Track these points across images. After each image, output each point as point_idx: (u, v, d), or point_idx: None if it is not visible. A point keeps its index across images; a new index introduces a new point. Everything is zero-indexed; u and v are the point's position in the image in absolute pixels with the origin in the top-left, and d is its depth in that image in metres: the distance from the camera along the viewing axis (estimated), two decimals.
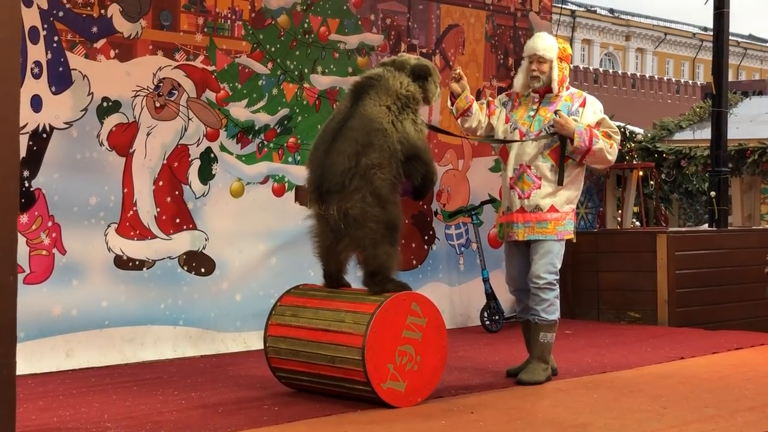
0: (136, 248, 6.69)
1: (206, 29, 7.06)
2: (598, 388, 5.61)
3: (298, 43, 7.52)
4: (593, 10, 57.37)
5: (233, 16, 7.21)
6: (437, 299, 6.19)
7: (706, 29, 56.75)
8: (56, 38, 6.34)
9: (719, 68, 10.08)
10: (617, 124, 7.87)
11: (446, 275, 8.43)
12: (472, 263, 8.46)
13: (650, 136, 12.77)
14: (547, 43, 5.84)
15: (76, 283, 6.42)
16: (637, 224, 11.75)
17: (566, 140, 5.73)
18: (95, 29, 6.53)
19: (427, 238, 8.36)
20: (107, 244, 6.57)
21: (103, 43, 6.55)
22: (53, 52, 6.33)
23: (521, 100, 5.97)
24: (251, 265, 7.24)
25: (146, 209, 6.74)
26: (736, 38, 60.62)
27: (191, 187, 6.97)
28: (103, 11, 6.56)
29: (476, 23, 8.71)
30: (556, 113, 5.75)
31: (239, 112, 7.22)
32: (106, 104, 6.56)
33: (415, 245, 8.25)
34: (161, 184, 6.82)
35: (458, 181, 8.55)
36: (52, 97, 6.32)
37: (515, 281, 5.99)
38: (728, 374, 6.13)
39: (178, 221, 6.89)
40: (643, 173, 11.56)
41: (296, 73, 7.51)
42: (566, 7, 49.84)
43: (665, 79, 53.27)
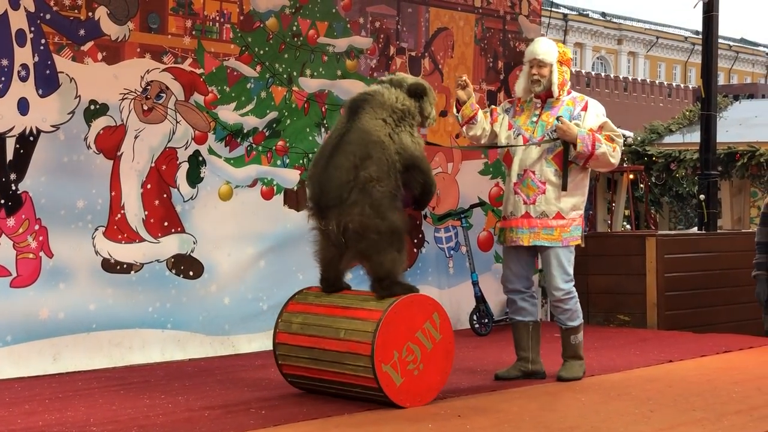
0: (124, 251, 6.67)
1: (194, 32, 7.04)
2: (585, 391, 5.62)
3: (286, 46, 7.51)
4: (585, 13, 57.56)
5: (221, 18, 7.20)
6: None
7: (697, 33, 56.80)
8: (43, 41, 6.32)
9: (708, 72, 10.11)
10: None
11: (435, 278, 8.42)
12: (461, 266, 8.45)
13: (640, 139, 12.81)
14: (546, 47, 5.88)
15: (63, 286, 6.40)
16: (627, 227, 11.78)
17: (569, 145, 5.75)
18: (82, 32, 6.51)
19: (416, 241, 8.35)
20: (95, 247, 6.55)
21: (90, 45, 6.53)
22: (40, 54, 6.31)
23: (523, 106, 6.00)
24: (240, 268, 7.23)
25: (134, 212, 6.72)
26: (727, 42, 60.89)
27: (179, 190, 6.95)
28: (90, 14, 6.54)
29: (465, 26, 8.71)
30: (558, 119, 5.77)
31: (228, 115, 7.20)
32: (93, 107, 6.54)
33: None
34: (149, 187, 6.80)
35: (448, 184, 8.54)
36: (39, 100, 6.30)
37: (511, 282, 6.02)
38: (716, 377, 6.14)
39: (166, 224, 6.88)
40: (633, 176, 11.58)
41: (285, 76, 7.50)
42: (558, 11, 50.02)
43: (657, 82, 53.52)
